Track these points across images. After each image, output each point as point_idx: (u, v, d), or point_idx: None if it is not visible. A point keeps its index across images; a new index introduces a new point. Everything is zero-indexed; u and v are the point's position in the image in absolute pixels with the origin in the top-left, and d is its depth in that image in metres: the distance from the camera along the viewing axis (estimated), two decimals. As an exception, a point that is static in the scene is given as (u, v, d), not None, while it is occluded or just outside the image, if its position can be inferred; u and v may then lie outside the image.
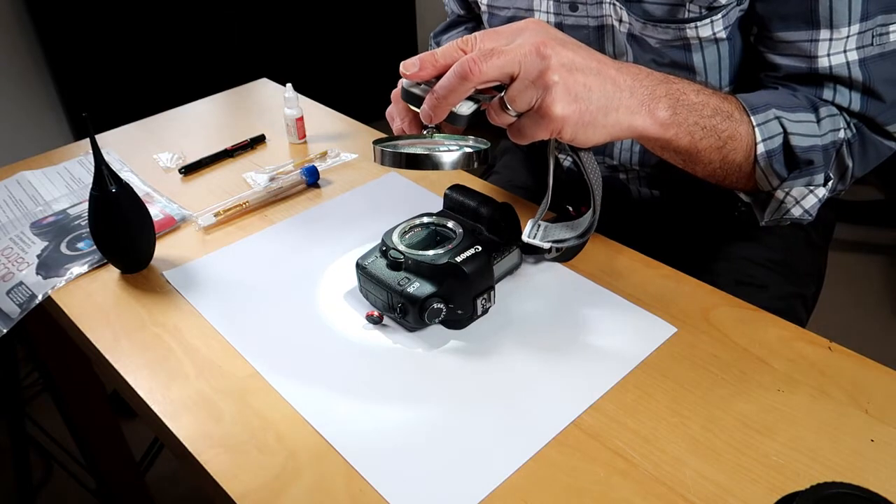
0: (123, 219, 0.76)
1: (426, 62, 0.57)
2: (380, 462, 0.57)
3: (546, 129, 0.56)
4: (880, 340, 1.84)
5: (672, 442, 0.58)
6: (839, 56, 0.71)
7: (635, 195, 0.92)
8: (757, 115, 0.68)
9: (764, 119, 0.68)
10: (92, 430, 1.22)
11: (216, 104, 1.20)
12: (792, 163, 0.70)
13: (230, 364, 0.67)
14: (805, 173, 0.70)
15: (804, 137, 0.68)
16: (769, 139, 0.68)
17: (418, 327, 0.69)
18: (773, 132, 0.68)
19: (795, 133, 0.68)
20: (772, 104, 0.68)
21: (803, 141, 0.68)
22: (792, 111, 0.69)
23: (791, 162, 0.70)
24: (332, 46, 2.42)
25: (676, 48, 0.75)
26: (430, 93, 0.56)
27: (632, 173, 0.90)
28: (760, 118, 0.68)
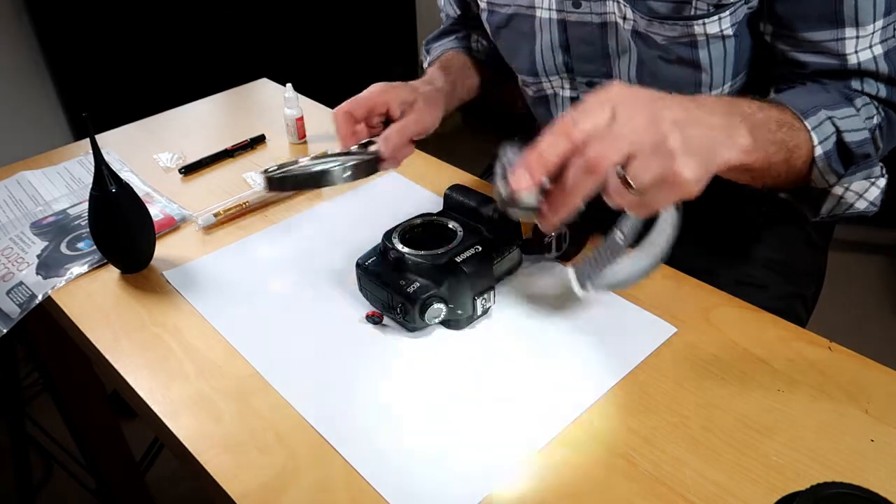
0: (123, 219, 0.76)
1: (534, 166, 0.51)
2: (379, 462, 0.57)
3: (677, 195, 0.52)
4: (880, 340, 1.84)
5: (672, 442, 0.58)
6: (866, 52, 0.71)
7: None
8: (809, 119, 0.67)
9: (817, 122, 0.67)
10: (92, 430, 1.22)
11: (216, 104, 1.20)
12: (848, 159, 0.69)
13: (230, 364, 0.67)
14: (863, 167, 0.70)
15: (855, 132, 0.68)
16: (825, 140, 0.67)
17: (418, 327, 0.69)
18: (827, 133, 0.67)
19: (847, 130, 0.68)
20: (819, 105, 0.67)
21: (855, 136, 0.68)
22: (836, 107, 0.68)
23: (847, 158, 0.69)
24: (332, 46, 2.42)
25: (683, 45, 0.75)
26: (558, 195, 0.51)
27: None
28: (814, 121, 0.67)
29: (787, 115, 0.66)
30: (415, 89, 0.82)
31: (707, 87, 0.78)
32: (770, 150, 0.63)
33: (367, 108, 0.78)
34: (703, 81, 0.78)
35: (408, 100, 0.80)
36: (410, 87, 0.82)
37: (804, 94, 0.71)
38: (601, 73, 0.84)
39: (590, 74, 0.85)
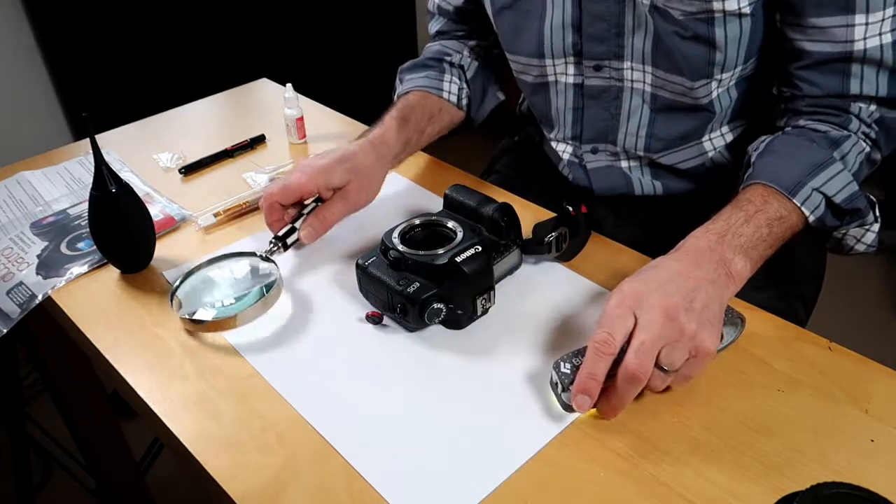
0: (123, 219, 0.76)
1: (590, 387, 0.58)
2: (380, 462, 0.57)
3: (705, 361, 0.60)
4: (880, 340, 1.84)
5: (672, 442, 0.58)
6: (874, 39, 0.72)
7: (637, 189, 0.92)
8: (797, 197, 0.71)
9: (804, 197, 0.71)
10: (92, 430, 1.22)
11: (216, 104, 1.20)
12: (840, 214, 0.74)
13: (230, 364, 0.67)
14: (856, 218, 0.75)
15: (843, 191, 0.72)
16: (815, 209, 0.72)
17: (418, 327, 0.69)
18: (816, 203, 0.72)
19: (835, 193, 0.72)
20: (803, 179, 0.72)
21: (843, 194, 0.72)
22: (822, 170, 0.72)
23: (839, 214, 0.74)
24: (332, 46, 2.41)
25: (700, 21, 0.76)
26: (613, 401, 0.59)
27: (635, 161, 0.91)
28: (801, 197, 0.71)
29: (776, 205, 0.71)
30: (352, 169, 0.80)
31: (720, 66, 0.79)
32: (767, 253, 0.69)
33: (296, 197, 0.79)
34: (716, 60, 0.78)
35: (341, 184, 0.80)
36: (347, 168, 0.80)
37: (790, 162, 0.73)
38: (612, 54, 0.83)
39: (599, 57, 0.84)
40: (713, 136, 0.87)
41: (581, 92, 0.88)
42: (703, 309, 0.60)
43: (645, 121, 0.86)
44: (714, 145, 0.88)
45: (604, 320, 0.59)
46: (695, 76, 0.79)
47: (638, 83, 0.84)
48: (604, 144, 0.91)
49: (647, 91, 0.84)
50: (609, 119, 0.88)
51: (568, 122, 0.92)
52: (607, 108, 0.87)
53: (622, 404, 0.58)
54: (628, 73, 0.84)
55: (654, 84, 0.83)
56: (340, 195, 0.80)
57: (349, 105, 1.22)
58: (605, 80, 0.85)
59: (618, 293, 0.61)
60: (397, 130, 0.87)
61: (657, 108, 0.85)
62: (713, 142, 0.87)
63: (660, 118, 0.85)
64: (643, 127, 0.87)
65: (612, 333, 0.58)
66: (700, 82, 0.80)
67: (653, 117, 0.86)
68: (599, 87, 0.86)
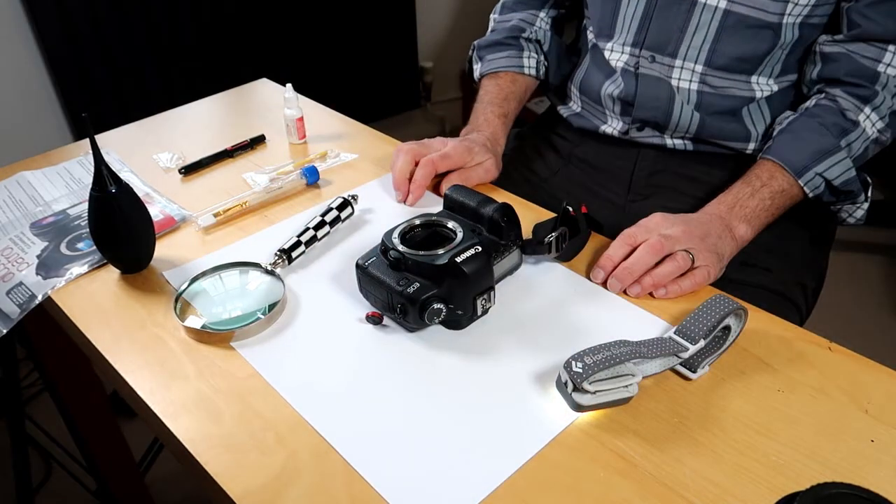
0: (123, 219, 0.76)
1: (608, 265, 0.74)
2: (380, 462, 0.57)
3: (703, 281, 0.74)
4: (880, 340, 1.84)
5: (672, 442, 0.58)
6: None
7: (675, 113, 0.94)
8: (802, 178, 0.84)
9: (808, 179, 0.84)
10: (92, 430, 1.22)
11: (216, 104, 1.20)
12: (836, 193, 0.86)
13: (230, 364, 0.67)
14: (849, 199, 0.88)
15: (842, 175, 0.84)
16: (815, 189, 0.85)
17: (418, 327, 0.69)
18: (817, 185, 0.84)
19: (835, 177, 0.84)
20: (809, 164, 0.83)
21: (842, 178, 0.84)
22: (828, 157, 0.83)
23: (835, 193, 0.86)
24: (332, 46, 2.41)
25: None
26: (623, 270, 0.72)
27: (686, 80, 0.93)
28: (804, 179, 0.84)
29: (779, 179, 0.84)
30: (488, 150, 0.92)
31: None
32: (768, 220, 0.83)
33: (450, 165, 0.88)
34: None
35: (482, 160, 0.91)
36: (484, 149, 0.91)
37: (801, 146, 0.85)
38: None
39: None
40: (761, 80, 0.91)
41: (655, 2, 0.91)
42: (713, 246, 0.74)
43: (711, 36, 0.89)
44: (761, 90, 0.92)
45: (633, 227, 0.74)
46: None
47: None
48: (662, 56, 0.93)
49: (720, 7, 0.87)
50: (675, 31, 0.90)
51: (633, 30, 0.94)
52: (676, 19, 0.90)
53: (635, 270, 0.71)
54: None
55: None
56: (482, 166, 0.91)
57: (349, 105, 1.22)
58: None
59: (648, 218, 0.75)
60: (503, 129, 0.99)
61: (726, 25, 0.88)
62: (761, 87, 0.91)
63: (725, 35, 0.88)
64: (707, 42, 0.90)
65: (636, 234, 0.73)
66: None
67: (719, 33, 0.88)
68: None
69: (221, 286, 0.76)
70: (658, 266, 0.72)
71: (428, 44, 2.69)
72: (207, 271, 0.77)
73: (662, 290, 0.72)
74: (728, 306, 0.64)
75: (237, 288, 0.76)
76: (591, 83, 1.01)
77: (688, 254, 0.72)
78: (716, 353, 0.65)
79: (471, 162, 0.90)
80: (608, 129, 1.01)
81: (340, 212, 0.84)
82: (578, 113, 1.05)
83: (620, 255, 0.73)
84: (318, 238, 0.81)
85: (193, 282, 0.76)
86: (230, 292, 0.76)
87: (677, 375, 0.64)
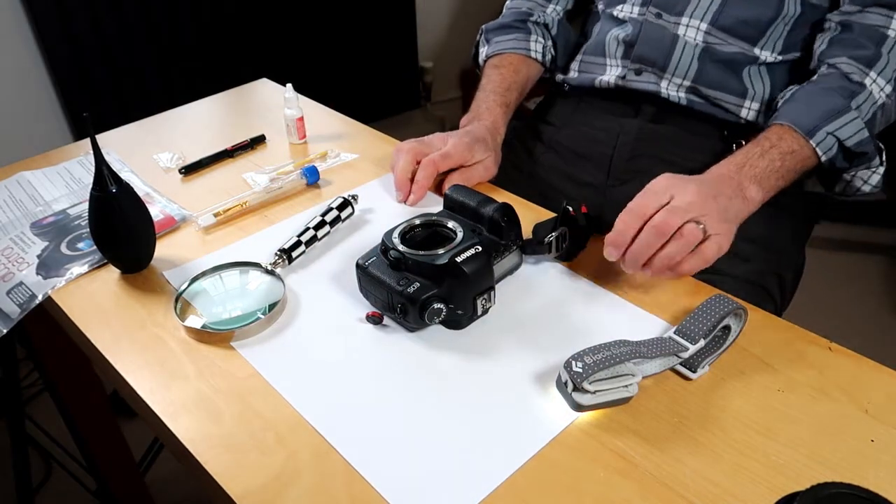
0: (123, 219, 0.76)
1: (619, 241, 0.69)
2: (380, 462, 0.57)
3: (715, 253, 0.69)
4: (880, 340, 1.84)
5: (672, 442, 0.58)
6: None
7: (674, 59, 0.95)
8: (813, 138, 0.81)
9: (819, 139, 0.81)
10: (92, 430, 1.22)
11: (216, 104, 1.20)
12: (850, 157, 0.83)
13: (230, 364, 0.67)
14: (863, 161, 0.84)
15: (855, 136, 0.81)
16: (828, 150, 0.82)
17: (418, 327, 0.69)
18: (829, 145, 0.81)
19: (847, 137, 0.81)
20: (820, 123, 0.81)
21: (855, 139, 0.81)
22: (838, 117, 0.81)
23: (849, 156, 0.83)
24: (332, 46, 2.41)
25: None
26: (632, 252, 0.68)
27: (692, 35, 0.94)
28: (816, 139, 0.81)
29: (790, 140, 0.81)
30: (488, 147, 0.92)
31: None
32: (779, 183, 0.79)
33: (451, 164, 0.88)
34: None
35: (482, 158, 0.91)
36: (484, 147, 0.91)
37: (810, 108, 0.83)
38: None
39: None
40: (765, 52, 0.92)
41: None
42: (724, 210, 0.70)
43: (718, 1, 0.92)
44: (764, 58, 0.93)
45: (640, 195, 0.69)
46: None
47: None
48: (669, 15, 0.95)
49: None
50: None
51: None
52: None
53: (642, 252, 0.67)
54: None
55: None
56: (482, 165, 0.91)
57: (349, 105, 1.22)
58: None
59: (656, 181, 0.71)
60: (504, 118, 0.99)
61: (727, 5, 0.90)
62: (764, 56, 0.93)
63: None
64: (715, 3, 0.92)
65: (646, 203, 0.68)
66: None
67: None
68: None
69: (221, 286, 0.76)
70: (667, 245, 0.68)
71: (428, 44, 2.69)
72: (207, 271, 0.77)
73: (669, 272, 0.69)
74: (728, 306, 0.64)
75: (237, 288, 0.76)
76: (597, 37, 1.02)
77: (697, 224, 0.67)
78: (716, 352, 0.65)
79: (471, 159, 0.89)
80: (605, 77, 1.00)
81: (340, 212, 0.84)
82: (577, 72, 1.06)
83: (633, 231, 0.68)
84: (319, 238, 0.81)
85: (193, 282, 0.76)
86: (230, 292, 0.76)
87: (677, 375, 0.64)
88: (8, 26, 1.83)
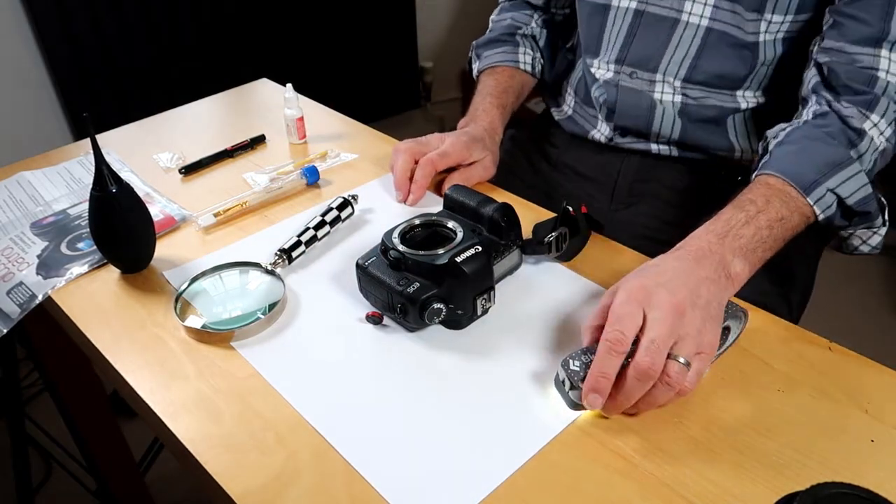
0: (123, 219, 0.76)
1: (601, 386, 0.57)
2: (380, 462, 0.57)
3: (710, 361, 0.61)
4: (880, 340, 1.84)
5: (672, 442, 0.58)
6: None
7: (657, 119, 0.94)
8: (811, 195, 0.73)
9: (818, 196, 0.73)
10: (92, 430, 1.22)
11: (216, 104, 1.20)
12: (850, 215, 0.75)
13: (230, 364, 0.67)
14: (865, 221, 0.76)
15: (857, 192, 0.74)
16: (827, 209, 0.73)
17: (418, 327, 0.69)
18: (828, 203, 0.73)
19: (849, 195, 0.73)
20: (819, 179, 0.73)
21: (857, 196, 0.74)
22: (839, 170, 0.73)
23: (849, 215, 0.75)
24: (332, 46, 2.41)
25: None
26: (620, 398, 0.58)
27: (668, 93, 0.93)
28: (815, 196, 0.73)
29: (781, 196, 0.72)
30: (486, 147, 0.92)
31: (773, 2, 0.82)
32: (766, 255, 0.70)
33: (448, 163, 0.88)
34: None
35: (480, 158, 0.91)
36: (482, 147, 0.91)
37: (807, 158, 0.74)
38: None
39: None
40: (747, 94, 0.90)
41: (639, 20, 0.91)
42: (706, 305, 0.60)
43: (693, 51, 0.89)
44: (746, 102, 0.91)
45: (613, 318, 0.59)
46: (748, 6, 0.83)
47: (695, 16, 0.87)
48: (642, 72, 0.94)
49: (702, 25, 0.87)
50: (658, 48, 0.91)
51: (616, 47, 0.95)
52: (658, 36, 0.90)
53: (628, 401, 0.58)
54: (688, 4, 0.87)
55: (711, 17, 0.86)
56: (480, 164, 0.91)
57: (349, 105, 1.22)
58: (665, 10, 0.89)
59: (624, 290, 0.61)
60: (501, 120, 1.00)
61: (708, 42, 0.88)
62: (746, 99, 0.90)
63: (706, 52, 0.89)
64: (689, 58, 0.90)
65: (623, 331, 0.58)
66: (751, 15, 0.83)
67: (700, 50, 0.89)
68: (657, 16, 0.90)
69: (221, 286, 0.76)
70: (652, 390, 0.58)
71: (428, 44, 2.69)
72: (207, 271, 0.77)
73: None
74: (728, 308, 0.64)
75: (237, 288, 0.76)
76: (584, 84, 1.02)
77: (678, 360, 0.58)
78: (716, 353, 0.65)
79: (469, 158, 0.89)
80: (597, 134, 1.01)
81: (340, 212, 0.84)
82: (570, 116, 1.06)
83: (615, 371, 0.58)
84: (319, 238, 0.81)
85: (193, 282, 0.76)
86: (230, 292, 0.76)
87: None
88: (8, 26, 1.83)
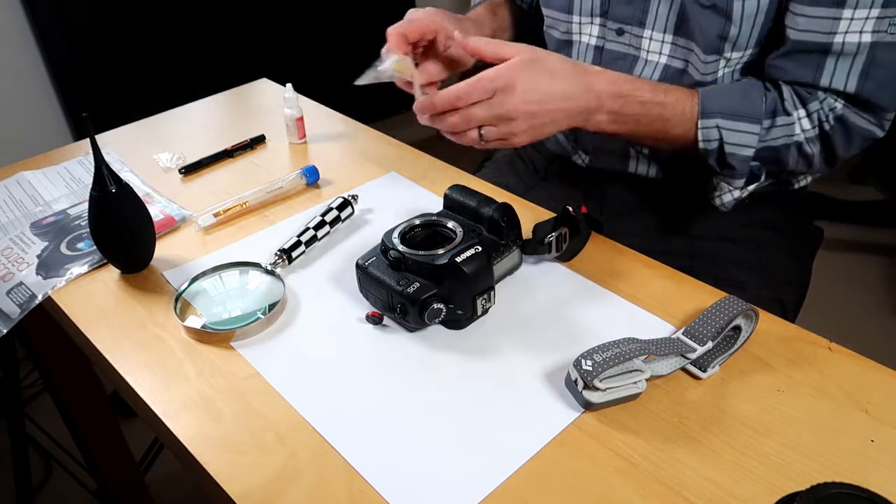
0: (123, 219, 0.76)
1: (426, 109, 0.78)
2: (380, 462, 0.57)
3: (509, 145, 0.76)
4: (880, 340, 1.84)
5: (672, 442, 0.58)
6: (854, 35, 0.75)
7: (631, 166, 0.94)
8: (703, 119, 0.79)
9: (707, 125, 0.79)
10: (92, 430, 1.22)
11: (216, 104, 1.20)
12: (720, 162, 0.81)
13: (230, 364, 0.67)
14: (726, 175, 0.82)
15: (738, 147, 0.79)
16: (707, 141, 0.80)
17: (418, 327, 0.69)
18: (711, 136, 0.79)
19: (729, 142, 0.79)
20: (718, 116, 0.79)
21: (736, 149, 0.79)
22: (741, 120, 0.79)
23: (721, 162, 0.81)
24: (332, 46, 2.41)
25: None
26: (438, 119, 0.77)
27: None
28: (704, 123, 0.79)
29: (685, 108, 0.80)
30: (461, 20, 0.92)
31: (731, 43, 0.81)
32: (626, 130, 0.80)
33: (420, 32, 0.87)
34: (729, 35, 0.81)
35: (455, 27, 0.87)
36: (457, 19, 0.91)
37: (726, 96, 0.80)
38: (635, 19, 0.87)
39: (623, 20, 0.88)
40: None
41: (600, 56, 0.92)
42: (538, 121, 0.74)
43: None
44: None
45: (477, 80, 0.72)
46: (707, 49, 0.82)
47: (654, 54, 0.87)
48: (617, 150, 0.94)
49: (660, 63, 0.88)
50: None
51: None
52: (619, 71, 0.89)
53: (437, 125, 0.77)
54: (646, 42, 0.87)
55: (669, 54, 0.86)
56: None
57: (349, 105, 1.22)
58: (625, 47, 0.89)
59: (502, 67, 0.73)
60: (490, 19, 1.01)
61: (667, 77, 0.88)
62: None
63: None
64: None
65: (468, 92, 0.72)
66: (711, 57, 0.83)
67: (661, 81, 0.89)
68: (617, 52, 0.90)
69: (221, 286, 0.76)
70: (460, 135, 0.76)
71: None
72: (207, 271, 0.77)
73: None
74: (738, 307, 0.63)
75: (237, 288, 0.76)
76: None
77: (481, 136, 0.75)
78: (727, 352, 0.65)
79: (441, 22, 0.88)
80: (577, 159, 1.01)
81: (340, 212, 0.84)
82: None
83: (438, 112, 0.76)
84: (318, 238, 0.81)
85: (193, 282, 0.76)
86: (230, 292, 0.76)
87: (685, 374, 0.64)
88: (8, 26, 1.83)
